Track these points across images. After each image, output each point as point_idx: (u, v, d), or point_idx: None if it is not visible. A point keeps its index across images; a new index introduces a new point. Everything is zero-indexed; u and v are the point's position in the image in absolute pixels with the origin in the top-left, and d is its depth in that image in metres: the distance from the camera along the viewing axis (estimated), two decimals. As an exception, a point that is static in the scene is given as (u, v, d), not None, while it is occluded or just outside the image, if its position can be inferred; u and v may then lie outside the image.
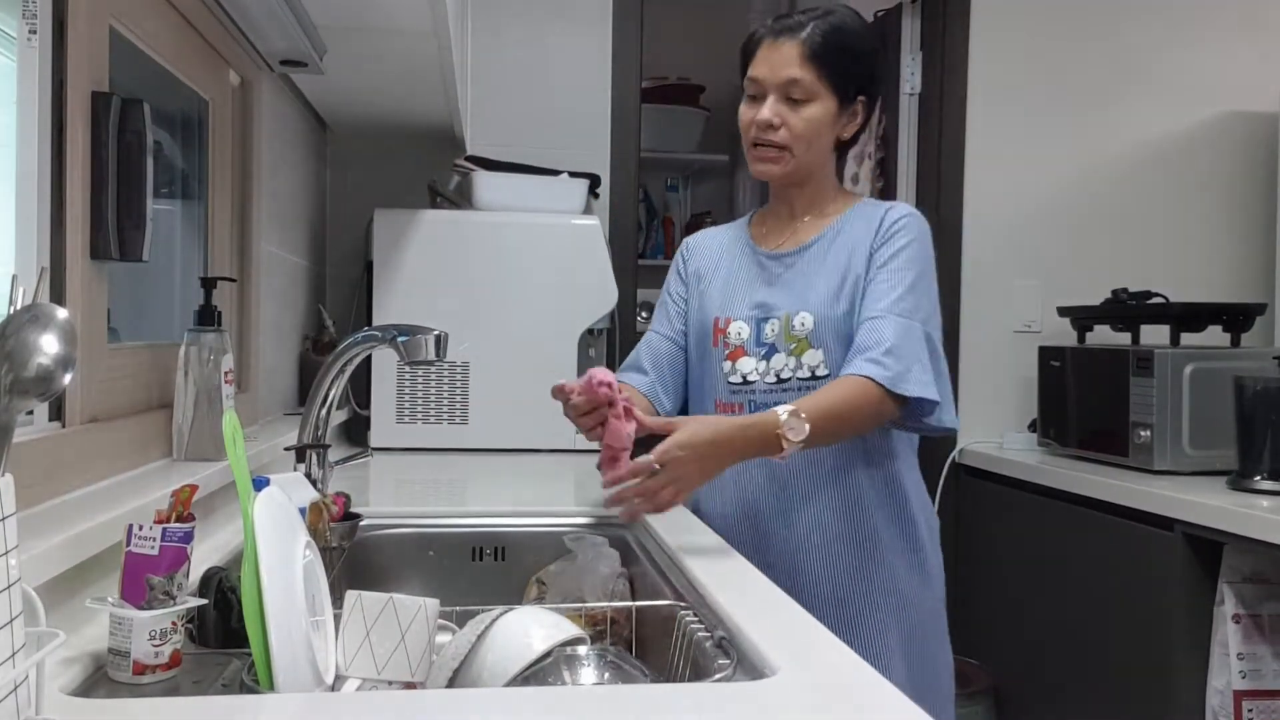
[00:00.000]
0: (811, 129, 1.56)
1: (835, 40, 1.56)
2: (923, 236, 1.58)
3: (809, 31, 1.55)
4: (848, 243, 1.60)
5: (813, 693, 0.88)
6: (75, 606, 0.98)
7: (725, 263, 1.71)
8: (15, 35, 1.18)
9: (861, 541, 1.60)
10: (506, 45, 2.95)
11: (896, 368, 1.46)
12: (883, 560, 1.59)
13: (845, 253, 1.59)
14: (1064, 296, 2.99)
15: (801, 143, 1.57)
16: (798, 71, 1.54)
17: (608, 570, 1.46)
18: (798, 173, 1.61)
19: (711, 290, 1.70)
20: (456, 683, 0.98)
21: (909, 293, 1.53)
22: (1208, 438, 2.42)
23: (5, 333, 0.69)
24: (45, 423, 1.20)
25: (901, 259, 1.55)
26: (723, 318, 1.66)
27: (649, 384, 1.70)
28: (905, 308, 1.51)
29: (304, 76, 2.26)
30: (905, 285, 1.53)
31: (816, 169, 1.62)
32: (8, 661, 0.62)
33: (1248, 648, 2.12)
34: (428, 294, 2.47)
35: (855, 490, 1.60)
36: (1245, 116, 3.14)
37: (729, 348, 1.64)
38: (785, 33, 1.56)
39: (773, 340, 1.61)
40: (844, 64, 1.56)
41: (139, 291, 1.65)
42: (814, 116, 1.56)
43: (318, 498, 1.40)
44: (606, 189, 2.95)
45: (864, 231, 1.59)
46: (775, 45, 1.56)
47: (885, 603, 1.59)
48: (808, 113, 1.55)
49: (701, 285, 1.72)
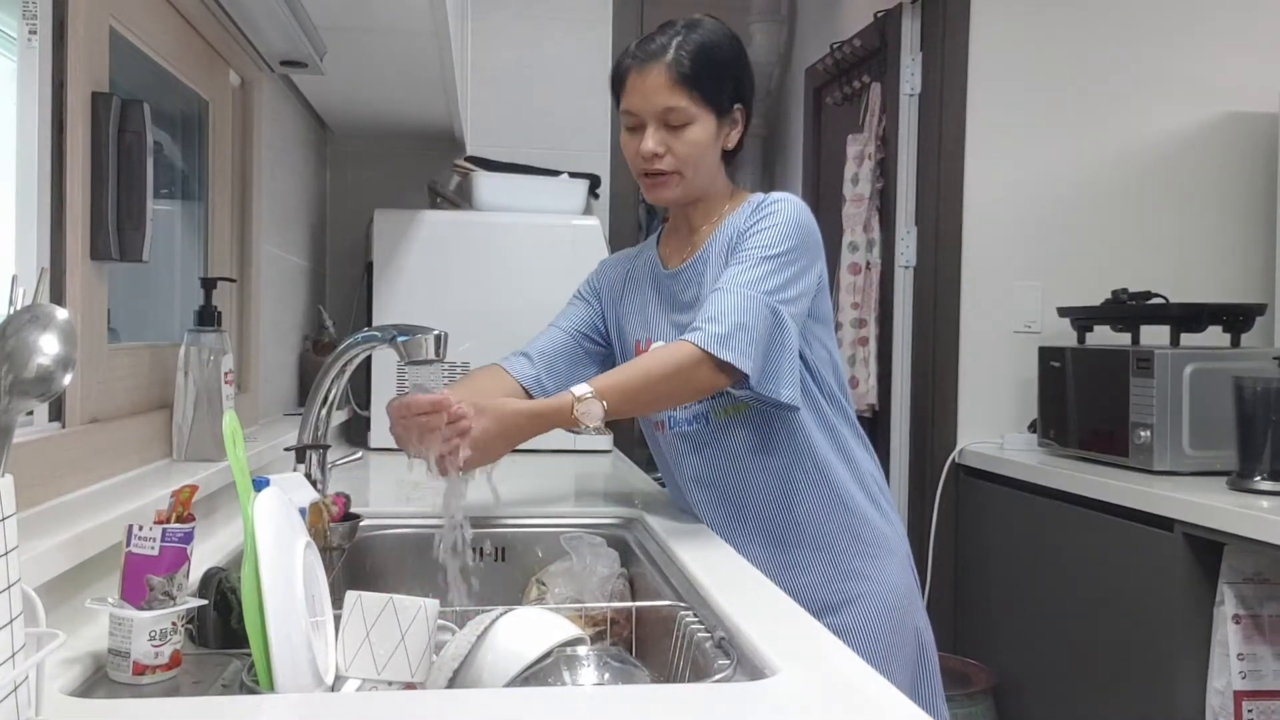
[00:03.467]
0: (696, 150, 1.55)
1: (702, 58, 1.53)
2: (793, 216, 1.55)
3: (673, 55, 1.52)
4: (728, 239, 1.59)
5: (813, 693, 0.88)
6: (75, 607, 0.98)
7: (632, 288, 1.72)
8: (15, 36, 1.18)
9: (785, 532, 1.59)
10: (507, 46, 2.95)
11: (715, 330, 1.44)
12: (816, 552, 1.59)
13: (725, 248, 1.59)
14: (1064, 297, 2.99)
15: (689, 165, 1.56)
16: (670, 99, 1.52)
17: (607, 570, 1.46)
18: (691, 192, 1.60)
19: (628, 314, 1.70)
20: (456, 683, 0.98)
21: (758, 265, 1.50)
22: (1208, 438, 2.42)
23: (5, 333, 0.69)
24: (45, 423, 1.21)
25: (762, 236, 1.53)
26: (643, 339, 1.66)
27: (532, 376, 1.68)
28: (749, 278, 1.49)
29: (304, 77, 2.26)
30: (756, 259, 1.50)
31: (707, 184, 1.61)
32: (8, 662, 0.62)
33: (1248, 648, 2.12)
34: (428, 294, 2.47)
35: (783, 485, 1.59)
36: (1245, 117, 3.14)
37: None
38: (650, 59, 1.53)
39: None
40: (714, 80, 1.54)
41: (139, 292, 1.65)
42: (696, 138, 1.54)
43: (318, 498, 1.40)
44: (606, 189, 2.95)
45: (741, 222, 1.59)
46: (642, 74, 1.53)
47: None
48: (689, 135, 1.54)
49: (616, 309, 1.73)
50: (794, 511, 1.58)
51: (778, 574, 1.48)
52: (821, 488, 1.58)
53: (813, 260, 1.56)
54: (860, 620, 1.56)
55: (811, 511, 1.58)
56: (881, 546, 1.60)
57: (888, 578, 1.59)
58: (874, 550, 1.59)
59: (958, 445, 3.04)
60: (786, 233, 1.53)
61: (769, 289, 1.49)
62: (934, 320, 3.08)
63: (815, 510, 1.58)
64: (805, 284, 1.54)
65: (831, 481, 1.58)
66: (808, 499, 1.58)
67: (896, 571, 1.61)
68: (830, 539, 1.58)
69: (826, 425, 1.60)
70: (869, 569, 1.58)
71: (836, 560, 1.58)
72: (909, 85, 3.18)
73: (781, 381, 1.49)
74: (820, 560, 1.58)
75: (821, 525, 1.58)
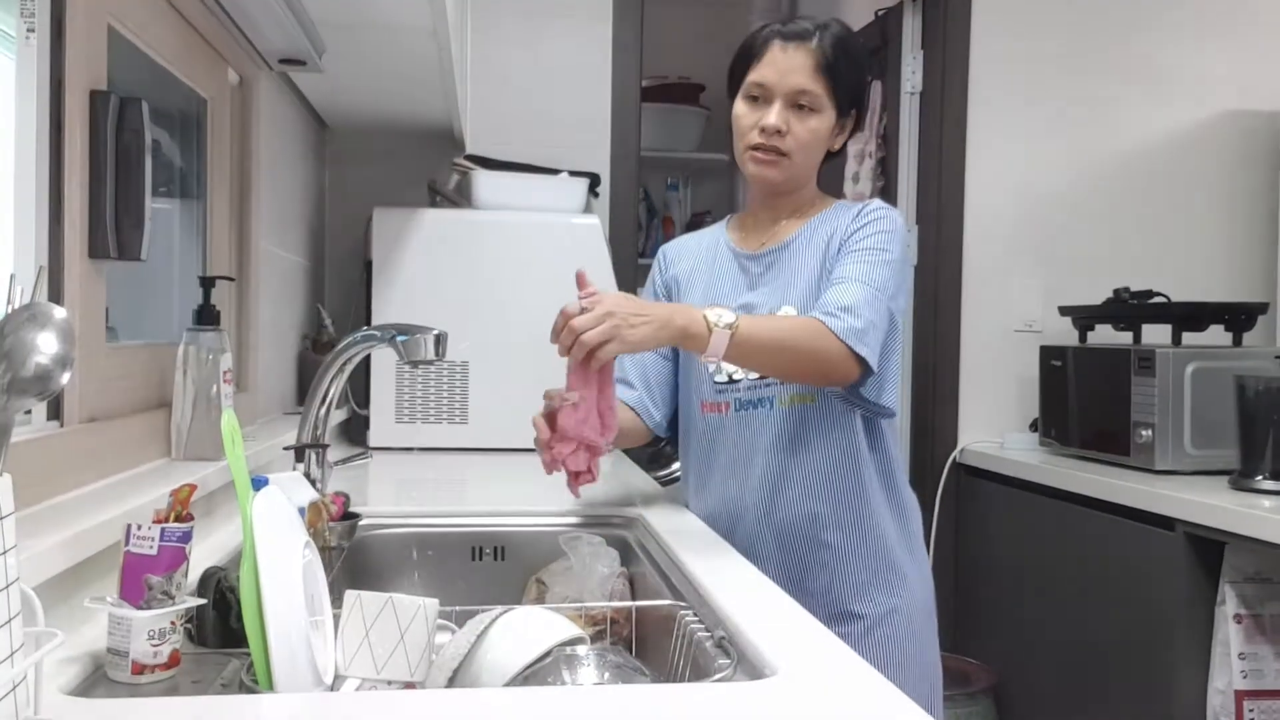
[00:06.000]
0: (814, 139, 1.57)
1: (843, 53, 1.56)
2: (898, 229, 1.57)
3: (818, 42, 1.55)
4: (826, 233, 1.59)
5: (813, 693, 0.88)
6: (74, 606, 0.98)
7: (704, 266, 1.71)
8: (13, 34, 1.18)
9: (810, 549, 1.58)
10: (506, 44, 2.95)
11: (853, 322, 1.44)
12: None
13: (823, 242, 1.59)
14: (1065, 296, 2.99)
15: (802, 151, 1.57)
16: (807, 82, 1.54)
17: (607, 570, 1.46)
18: (791, 180, 1.61)
19: (693, 295, 1.69)
20: (456, 683, 0.98)
21: (879, 268, 1.51)
22: (1209, 437, 2.42)
23: (3, 332, 0.68)
24: (43, 422, 1.20)
25: (875, 240, 1.54)
26: None
27: (637, 398, 1.71)
28: (875, 279, 1.50)
29: (303, 75, 2.25)
30: (876, 261, 1.52)
31: (805, 177, 1.63)
32: (6, 661, 0.62)
33: (1249, 647, 2.12)
34: (427, 293, 2.46)
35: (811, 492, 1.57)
36: (1247, 115, 3.14)
37: None
38: (797, 39, 1.55)
39: None
40: (850, 78, 1.57)
41: (137, 291, 1.65)
42: (816, 127, 1.56)
43: (317, 497, 1.40)
44: (606, 188, 2.95)
45: (843, 221, 1.59)
46: (786, 50, 1.55)
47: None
48: (813, 123, 1.55)
49: (681, 291, 1.72)
50: (819, 521, 1.57)
51: (787, 576, 1.49)
52: (855, 505, 1.57)
53: (908, 274, 1.60)
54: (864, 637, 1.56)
55: (839, 525, 1.57)
56: (900, 577, 1.58)
57: (904, 602, 1.58)
58: (891, 580, 1.58)
59: (959, 444, 3.03)
60: (897, 240, 1.56)
61: (890, 293, 1.51)
62: (935, 319, 3.07)
63: (843, 526, 1.57)
64: (907, 295, 1.58)
65: (866, 501, 1.57)
66: (838, 514, 1.57)
67: (912, 602, 1.59)
68: (849, 557, 1.57)
69: (880, 445, 1.60)
70: (883, 593, 1.57)
71: (849, 577, 1.57)
72: (910, 83, 3.17)
73: (886, 385, 1.51)
74: (831, 577, 1.57)
75: (846, 545, 1.57)
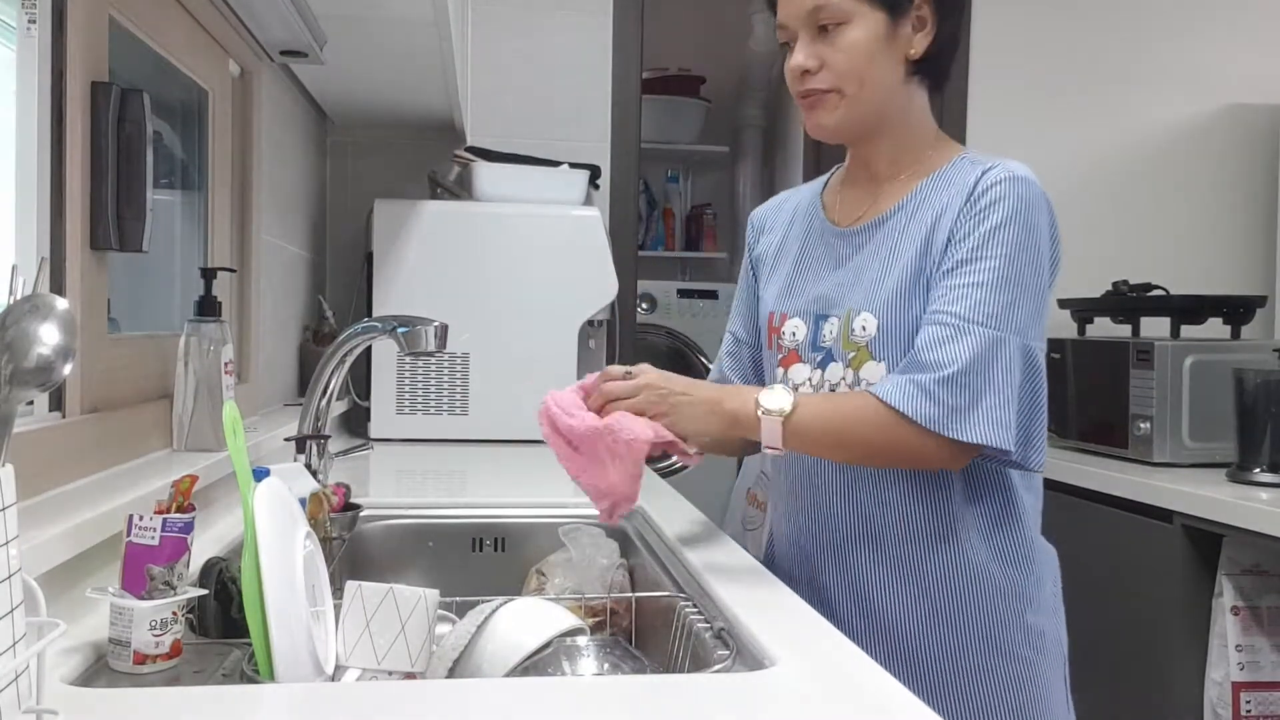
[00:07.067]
0: (857, 59, 1.21)
1: None
2: (1026, 209, 1.20)
3: None
4: (930, 214, 1.24)
5: (812, 683, 0.89)
6: (76, 596, 0.98)
7: (793, 241, 1.38)
8: (15, 25, 1.18)
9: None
10: (507, 35, 2.94)
11: (952, 402, 1.13)
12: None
13: (926, 229, 1.23)
14: (1064, 288, 2.97)
15: (850, 78, 1.22)
16: None
17: (607, 561, 1.46)
18: (862, 120, 1.26)
19: (773, 276, 1.39)
20: (456, 673, 0.98)
21: (998, 291, 1.16)
22: (1207, 430, 2.42)
23: (5, 323, 0.69)
24: (45, 413, 1.21)
25: (993, 243, 1.18)
26: (778, 313, 1.35)
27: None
28: (990, 312, 1.16)
29: (304, 67, 2.25)
30: (993, 282, 1.17)
31: (886, 109, 1.26)
32: (9, 651, 0.62)
33: (1246, 640, 2.12)
34: (428, 285, 2.47)
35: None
36: (1247, 109, 3.14)
37: (782, 351, 1.33)
38: None
39: (830, 345, 1.28)
40: None
41: (139, 282, 1.65)
42: (854, 42, 1.21)
43: (318, 488, 1.40)
44: (607, 180, 2.94)
45: (953, 198, 1.23)
46: None
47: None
48: (846, 39, 1.21)
49: (765, 273, 1.42)
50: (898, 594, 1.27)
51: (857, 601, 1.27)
52: (945, 576, 1.27)
53: (1052, 263, 1.24)
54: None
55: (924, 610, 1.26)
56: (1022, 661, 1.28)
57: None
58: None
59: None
60: (1026, 233, 1.19)
61: (1019, 324, 1.17)
62: (934, 312, 3.06)
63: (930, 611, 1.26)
64: (1045, 300, 1.23)
65: (962, 569, 1.28)
66: (923, 590, 1.26)
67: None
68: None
69: (988, 494, 1.32)
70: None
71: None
72: (910, 76, 3.17)
73: (1031, 446, 1.21)
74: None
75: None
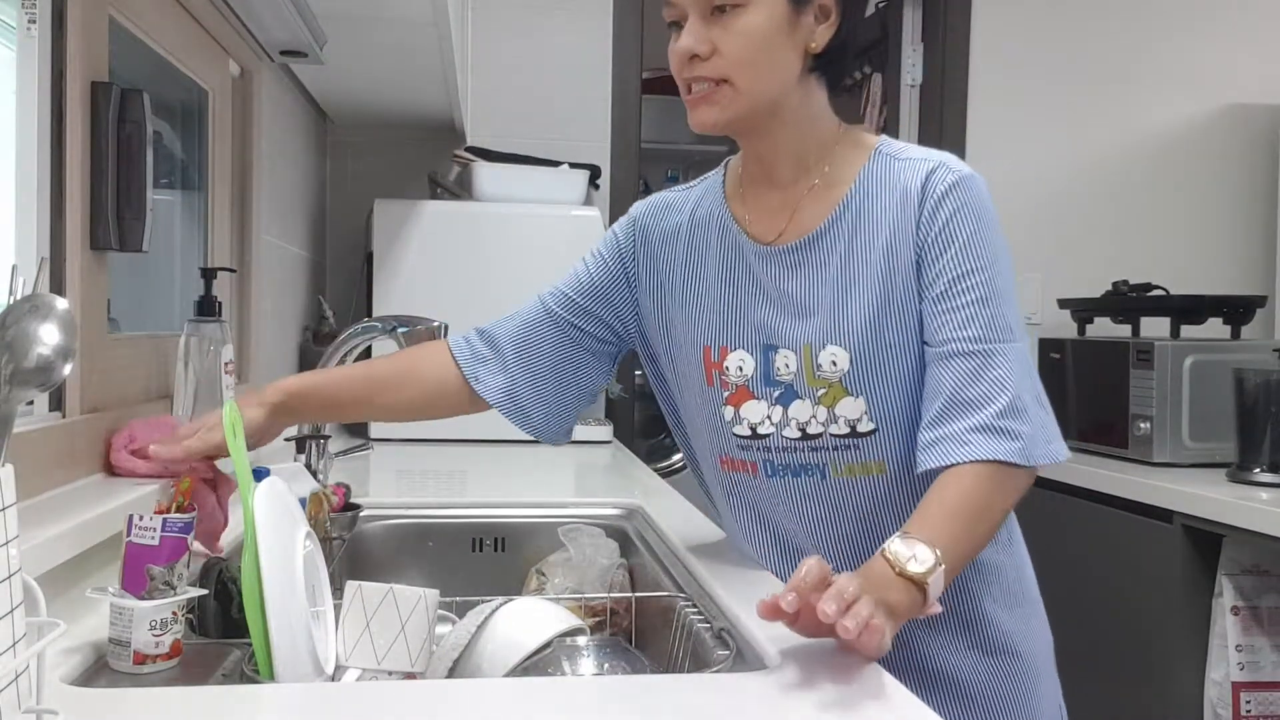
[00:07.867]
0: (753, 45, 1.07)
1: None
2: (984, 208, 1.12)
3: None
4: (878, 231, 1.13)
5: (812, 684, 0.88)
6: (76, 596, 0.99)
7: (709, 261, 1.21)
8: (14, 25, 1.18)
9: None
10: (507, 36, 2.95)
11: (1024, 429, 1.06)
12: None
13: (879, 251, 1.13)
14: (1064, 289, 2.99)
15: (743, 69, 1.08)
16: None
17: (607, 561, 1.46)
18: (751, 116, 1.12)
19: (690, 304, 1.21)
20: (456, 673, 0.98)
21: (998, 302, 1.10)
22: (1207, 430, 2.42)
23: (5, 323, 0.69)
24: (45, 413, 1.21)
25: (972, 255, 1.10)
26: (716, 346, 1.19)
27: (504, 384, 1.27)
28: (1002, 325, 1.09)
29: (304, 67, 2.25)
30: (990, 294, 1.10)
31: (781, 105, 1.12)
32: (9, 651, 0.62)
33: (1246, 640, 2.12)
34: (428, 285, 2.47)
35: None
36: (1247, 109, 3.14)
37: (729, 388, 1.18)
38: None
39: (788, 380, 1.15)
40: None
41: (139, 282, 1.65)
42: (751, 27, 1.07)
43: (318, 488, 1.40)
44: (607, 180, 2.95)
45: (899, 214, 1.13)
46: None
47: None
48: (741, 24, 1.07)
49: (665, 293, 1.24)
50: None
51: None
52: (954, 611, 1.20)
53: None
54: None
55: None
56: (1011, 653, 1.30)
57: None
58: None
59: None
60: (989, 231, 1.12)
61: (1019, 333, 1.12)
62: (934, 312, 3.07)
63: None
64: (1014, 285, 1.15)
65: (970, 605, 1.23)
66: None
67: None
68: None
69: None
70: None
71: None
72: (910, 76, 3.17)
73: (1052, 435, 1.11)
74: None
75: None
